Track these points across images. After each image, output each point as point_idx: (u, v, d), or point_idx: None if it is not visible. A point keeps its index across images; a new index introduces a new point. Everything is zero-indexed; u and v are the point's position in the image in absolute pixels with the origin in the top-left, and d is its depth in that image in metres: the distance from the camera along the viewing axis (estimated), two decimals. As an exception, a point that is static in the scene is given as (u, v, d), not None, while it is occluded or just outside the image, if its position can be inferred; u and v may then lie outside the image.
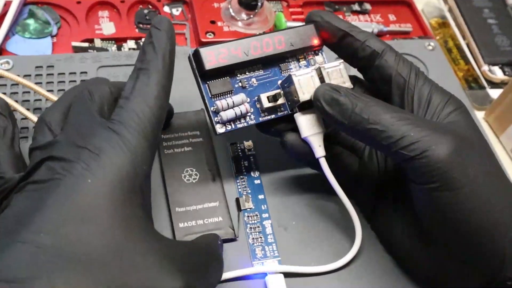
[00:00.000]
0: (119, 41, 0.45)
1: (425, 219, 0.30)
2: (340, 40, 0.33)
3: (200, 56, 0.31)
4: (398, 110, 0.29)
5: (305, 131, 0.32)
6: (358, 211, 0.34)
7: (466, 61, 0.51)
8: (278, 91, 0.32)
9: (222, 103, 0.31)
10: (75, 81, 0.39)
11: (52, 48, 0.43)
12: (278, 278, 0.31)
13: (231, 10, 0.46)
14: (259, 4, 0.46)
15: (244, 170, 0.37)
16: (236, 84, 0.32)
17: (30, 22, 0.43)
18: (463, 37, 0.53)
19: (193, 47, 0.43)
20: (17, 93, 0.38)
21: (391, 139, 0.28)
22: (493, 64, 0.50)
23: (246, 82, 0.33)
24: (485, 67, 0.50)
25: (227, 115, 0.31)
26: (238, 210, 0.35)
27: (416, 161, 0.27)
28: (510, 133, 0.44)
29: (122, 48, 0.44)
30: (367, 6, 0.52)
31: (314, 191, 0.36)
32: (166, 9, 0.47)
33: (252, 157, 0.37)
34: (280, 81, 0.33)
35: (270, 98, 0.32)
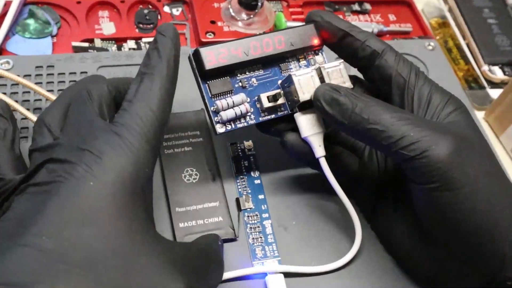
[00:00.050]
0: (119, 41, 0.45)
1: (425, 219, 0.30)
2: (340, 40, 0.33)
3: (200, 56, 0.31)
4: (398, 110, 0.29)
5: (305, 131, 0.32)
6: (358, 211, 0.34)
7: (466, 61, 0.51)
8: (278, 91, 0.32)
9: (222, 103, 0.31)
10: (75, 81, 0.39)
11: (52, 48, 0.43)
12: (278, 278, 0.31)
13: (231, 10, 0.46)
14: (259, 4, 0.46)
15: (244, 170, 0.37)
16: (236, 84, 0.32)
17: (30, 22, 0.43)
18: (463, 37, 0.52)
19: (193, 47, 0.43)
20: (17, 93, 0.38)
21: (391, 139, 0.28)
22: (493, 64, 0.50)
23: (246, 82, 0.33)
24: (485, 67, 0.50)
25: (227, 115, 0.31)
26: (238, 210, 0.35)
27: (416, 161, 0.27)
28: (510, 133, 0.44)
29: (122, 48, 0.44)
30: (367, 6, 0.52)
31: (314, 191, 0.36)
32: (166, 9, 0.47)
33: (252, 157, 0.37)
34: (280, 81, 0.33)
35: (270, 98, 0.32)
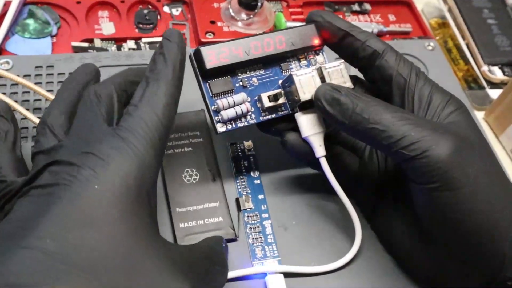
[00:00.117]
0: (119, 41, 0.44)
1: (425, 219, 0.30)
2: (341, 40, 0.33)
3: (201, 55, 0.31)
4: (398, 110, 0.29)
5: (305, 130, 0.32)
6: (358, 211, 0.34)
7: (466, 61, 0.51)
8: (279, 90, 0.32)
9: (223, 102, 0.31)
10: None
11: (52, 48, 0.43)
12: (278, 278, 0.31)
13: (231, 10, 0.46)
14: (259, 4, 0.46)
15: (244, 170, 0.37)
16: (237, 84, 0.32)
17: (30, 22, 0.43)
18: (463, 37, 0.53)
19: (193, 47, 0.43)
20: (16, 93, 0.38)
21: (392, 139, 0.28)
22: (493, 64, 0.50)
23: (247, 82, 0.33)
24: (484, 67, 0.50)
25: (227, 114, 0.31)
26: (238, 210, 0.35)
27: (416, 161, 0.27)
28: (510, 133, 0.44)
29: (122, 48, 0.44)
30: (367, 6, 0.52)
31: (314, 191, 0.36)
32: (166, 9, 0.47)
33: (252, 157, 0.37)
34: (281, 81, 0.33)
35: (271, 97, 0.32)
